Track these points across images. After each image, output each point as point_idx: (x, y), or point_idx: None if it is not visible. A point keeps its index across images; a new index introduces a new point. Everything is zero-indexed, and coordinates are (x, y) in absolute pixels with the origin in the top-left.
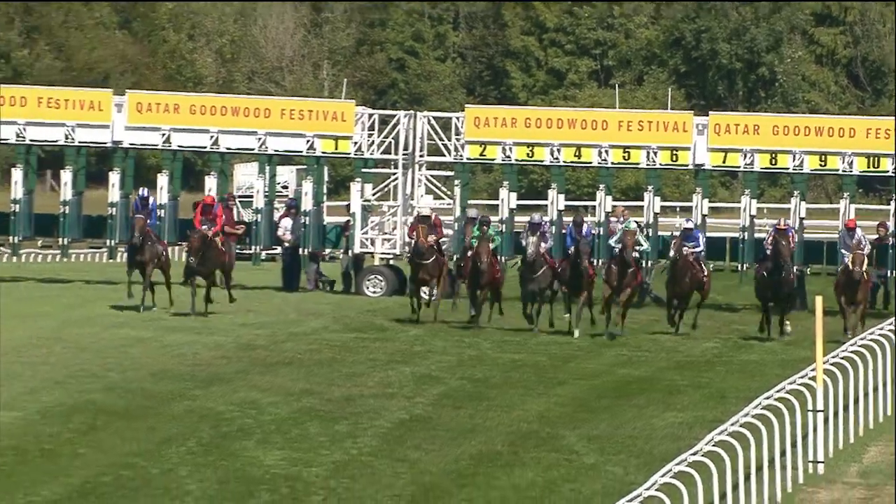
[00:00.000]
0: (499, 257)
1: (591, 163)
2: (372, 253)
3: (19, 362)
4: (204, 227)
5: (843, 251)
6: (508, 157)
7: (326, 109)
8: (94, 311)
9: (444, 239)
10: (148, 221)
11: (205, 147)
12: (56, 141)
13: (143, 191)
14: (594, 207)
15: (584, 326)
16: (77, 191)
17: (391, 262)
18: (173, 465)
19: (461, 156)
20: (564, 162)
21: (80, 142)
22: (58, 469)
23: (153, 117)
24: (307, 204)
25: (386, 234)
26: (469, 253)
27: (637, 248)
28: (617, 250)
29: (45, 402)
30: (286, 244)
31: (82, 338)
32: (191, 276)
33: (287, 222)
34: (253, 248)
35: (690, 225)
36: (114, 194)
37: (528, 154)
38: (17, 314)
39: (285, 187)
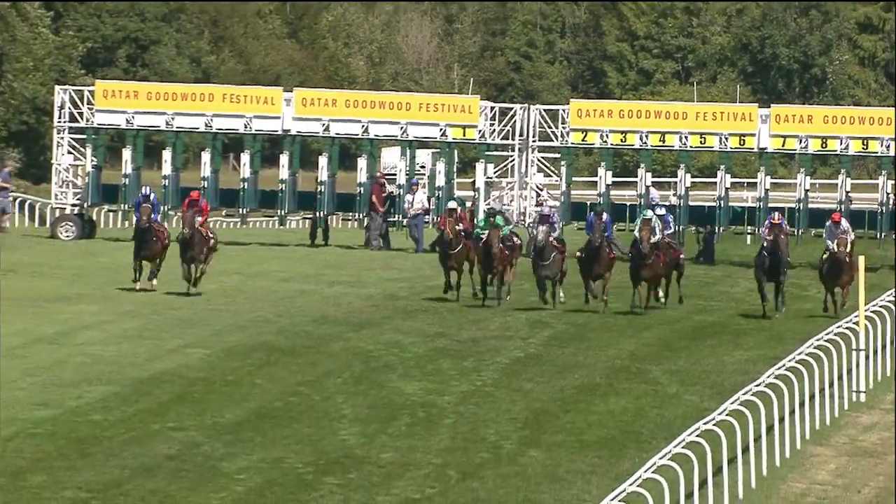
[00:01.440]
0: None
1: (673, 146)
2: None
3: (208, 310)
4: (195, 221)
5: (828, 241)
6: (605, 142)
7: (456, 103)
8: (268, 269)
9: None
10: (152, 215)
11: (357, 134)
12: (236, 129)
13: (146, 189)
14: (675, 183)
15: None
16: (254, 170)
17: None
18: (331, 393)
19: (566, 141)
20: (651, 146)
21: (256, 130)
22: (239, 396)
23: (315, 110)
24: (440, 181)
25: (505, 205)
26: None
27: (665, 231)
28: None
29: (229, 342)
30: (411, 214)
31: (258, 290)
32: (184, 258)
33: (412, 196)
34: (397, 216)
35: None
36: (283, 173)
37: (621, 139)
38: (208, 271)
39: (423, 167)
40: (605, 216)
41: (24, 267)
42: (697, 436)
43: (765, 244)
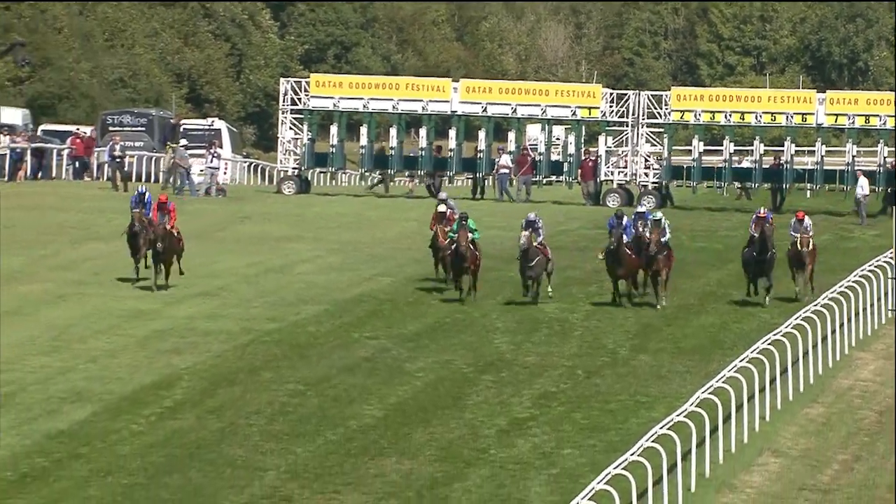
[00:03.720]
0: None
1: (750, 123)
2: (612, 179)
3: (393, 248)
4: (165, 221)
5: (791, 233)
6: (698, 119)
7: (583, 90)
8: None
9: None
10: (144, 212)
11: (508, 114)
12: (416, 111)
13: (142, 187)
14: (752, 151)
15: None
16: (429, 141)
17: (624, 185)
18: (487, 311)
19: (668, 119)
20: (734, 122)
21: (431, 111)
22: (418, 313)
23: (476, 96)
24: (571, 150)
25: (620, 168)
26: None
27: (662, 237)
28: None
29: (409, 272)
30: (501, 172)
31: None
32: (156, 260)
33: (499, 158)
34: (538, 176)
35: (642, 209)
36: (451, 144)
37: (710, 118)
38: (388, 218)
39: (558, 139)
40: (625, 220)
41: (257, 215)
42: (769, 344)
43: (754, 236)
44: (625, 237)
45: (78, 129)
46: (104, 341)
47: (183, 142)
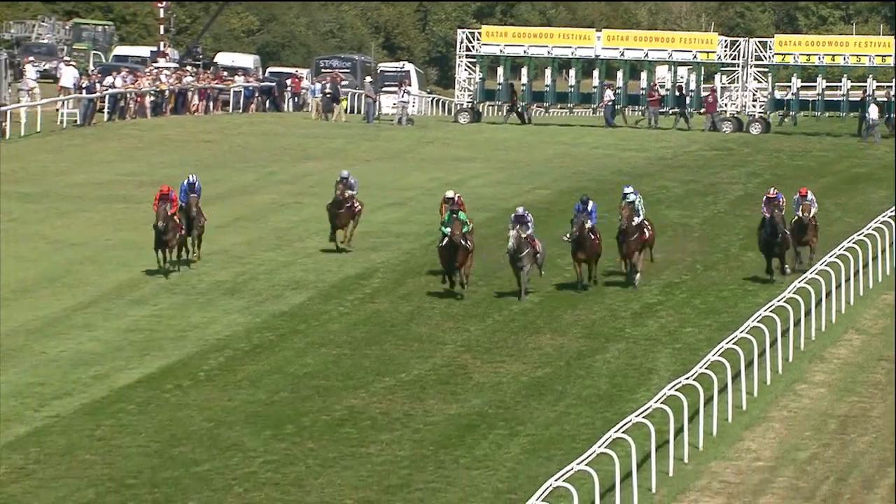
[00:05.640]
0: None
1: (839, 63)
2: (725, 110)
3: (547, 166)
4: (168, 210)
5: (795, 208)
6: (796, 61)
7: (702, 38)
8: (584, 141)
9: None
10: (199, 199)
11: (641, 58)
12: (566, 55)
13: (192, 177)
14: (840, 86)
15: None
16: (577, 80)
17: (735, 114)
18: None
19: (772, 61)
20: (826, 63)
21: (578, 55)
22: (568, 219)
23: (615, 42)
24: (692, 86)
25: (732, 101)
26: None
27: (636, 217)
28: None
29: (562, 185)
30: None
31: (578, 154)
32: (160, 246)
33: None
34: (664, 108)
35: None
36: (595, 82)
37: (806, 59)
38: (543, 142)
39: (682, 77)
40: (590, 204)
41: (438, 140)
42: (854, 243)
43: (765, 218)
44: (590, 222)
45: (297, 70)
46: (317, 241)
47: (368, 79)
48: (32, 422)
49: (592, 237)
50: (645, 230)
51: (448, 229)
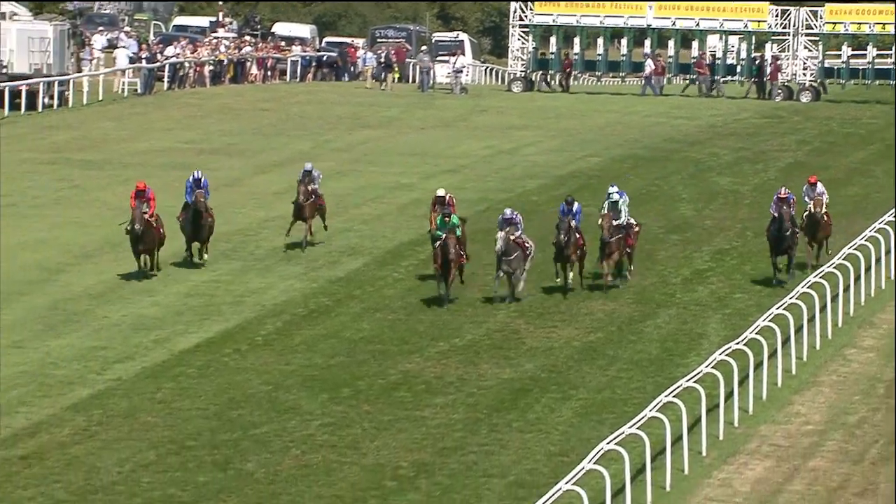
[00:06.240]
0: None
1: (890, 32)
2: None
3: (599, 134)
4: (143, 211)
5: (806, 199)
6: (846, 29)
7: (753, 7)
8: (636, 110)
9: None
10: (206, 196)
11: (692, 27)
12: (618, 25)
13: (197, 172)
14: (891, 54)
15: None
16: (629, 49)
17: (786, 83)
18: (673, 184)
19: (822, 29)
20: (876, 32)
21: (630, 25)
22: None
23: (667, 12)
24: (743, 55)
25: (782, 70)
26: (437, 243)
27: (616, 219)
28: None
29: (615, 152)
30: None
31: (630, 122)
32: (136, 253)
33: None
34: (717, 76)
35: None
36: (646, 49)
37: (856, 28)
38: (595, 111)
39: (732, 47)
40: (575, 205)
41: (491, 108)
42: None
43: (774, 216)
44: (574, 222)
45: (353, 40)
46: (373, 208)
47: (423, 48)
48: (95, 385)
49: (577, 236)
50: (630, 233)
51: (441, 234)
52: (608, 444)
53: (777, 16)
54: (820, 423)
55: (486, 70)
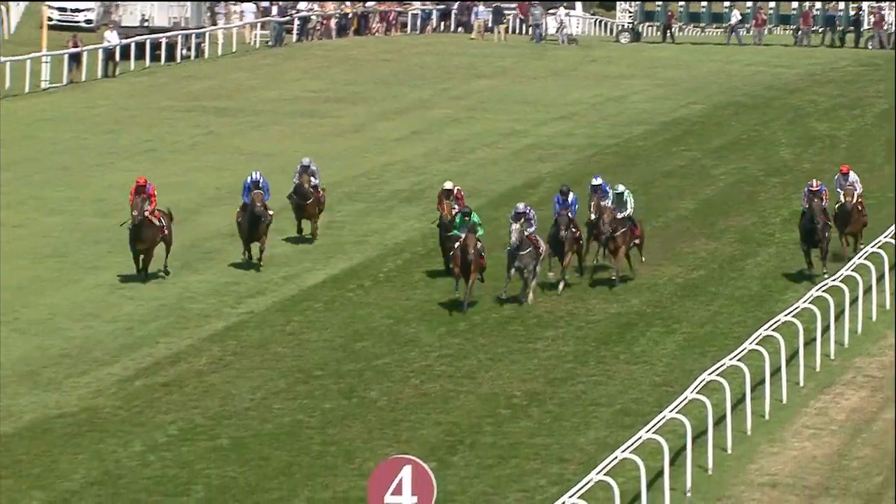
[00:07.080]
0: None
1: None
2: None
3: (703, 82)
4: (144, 207)
5: (838, 190)
6: None
7: None
8: (739, 59)
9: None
10: (265, 197)
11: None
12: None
13: (256, 174)
14: None
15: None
16: (732, 2)
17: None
18: (774, 130)
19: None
20: None
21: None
22: (721, 131)
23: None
24: (840, 6)
25: (885, 20)
26: (457, 244)
27: (620, 211)
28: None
29: (716, 101)
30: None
31: (732, 71)
32: (134, 252)
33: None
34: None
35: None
36: (734, 19)
37: None
38: (699, 60)
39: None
40: (570, 196)
41: (600, 59)
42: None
43: (805, 209)
44: (569, 213)
45: None
46: (488, 152)
47: (535, 1)
48: (230, 318)
49: (574, 230)
50: (636, 223)
51: (459, 233)
52: (710, 374)
53: None
54: None
55: (595, 22)
